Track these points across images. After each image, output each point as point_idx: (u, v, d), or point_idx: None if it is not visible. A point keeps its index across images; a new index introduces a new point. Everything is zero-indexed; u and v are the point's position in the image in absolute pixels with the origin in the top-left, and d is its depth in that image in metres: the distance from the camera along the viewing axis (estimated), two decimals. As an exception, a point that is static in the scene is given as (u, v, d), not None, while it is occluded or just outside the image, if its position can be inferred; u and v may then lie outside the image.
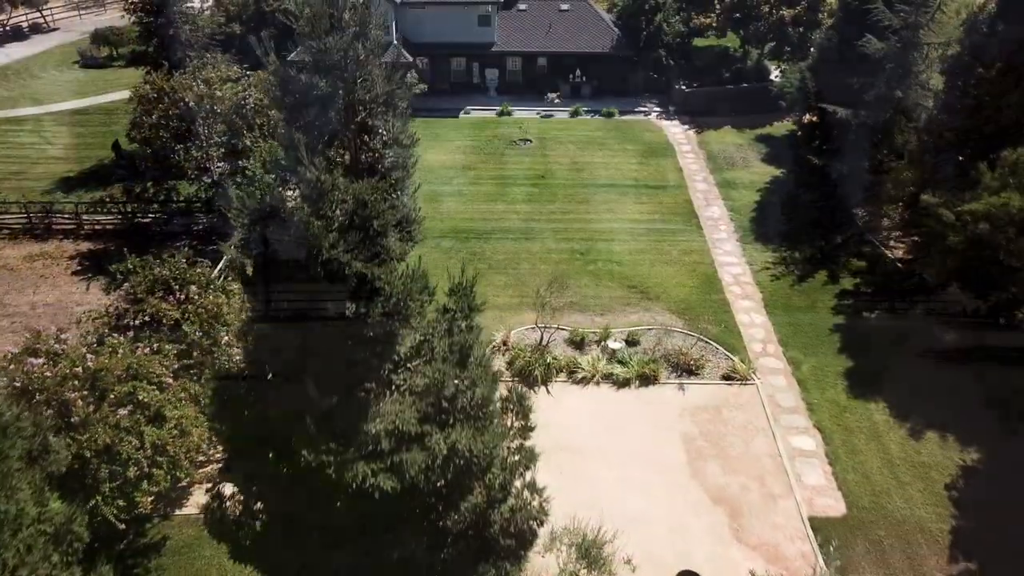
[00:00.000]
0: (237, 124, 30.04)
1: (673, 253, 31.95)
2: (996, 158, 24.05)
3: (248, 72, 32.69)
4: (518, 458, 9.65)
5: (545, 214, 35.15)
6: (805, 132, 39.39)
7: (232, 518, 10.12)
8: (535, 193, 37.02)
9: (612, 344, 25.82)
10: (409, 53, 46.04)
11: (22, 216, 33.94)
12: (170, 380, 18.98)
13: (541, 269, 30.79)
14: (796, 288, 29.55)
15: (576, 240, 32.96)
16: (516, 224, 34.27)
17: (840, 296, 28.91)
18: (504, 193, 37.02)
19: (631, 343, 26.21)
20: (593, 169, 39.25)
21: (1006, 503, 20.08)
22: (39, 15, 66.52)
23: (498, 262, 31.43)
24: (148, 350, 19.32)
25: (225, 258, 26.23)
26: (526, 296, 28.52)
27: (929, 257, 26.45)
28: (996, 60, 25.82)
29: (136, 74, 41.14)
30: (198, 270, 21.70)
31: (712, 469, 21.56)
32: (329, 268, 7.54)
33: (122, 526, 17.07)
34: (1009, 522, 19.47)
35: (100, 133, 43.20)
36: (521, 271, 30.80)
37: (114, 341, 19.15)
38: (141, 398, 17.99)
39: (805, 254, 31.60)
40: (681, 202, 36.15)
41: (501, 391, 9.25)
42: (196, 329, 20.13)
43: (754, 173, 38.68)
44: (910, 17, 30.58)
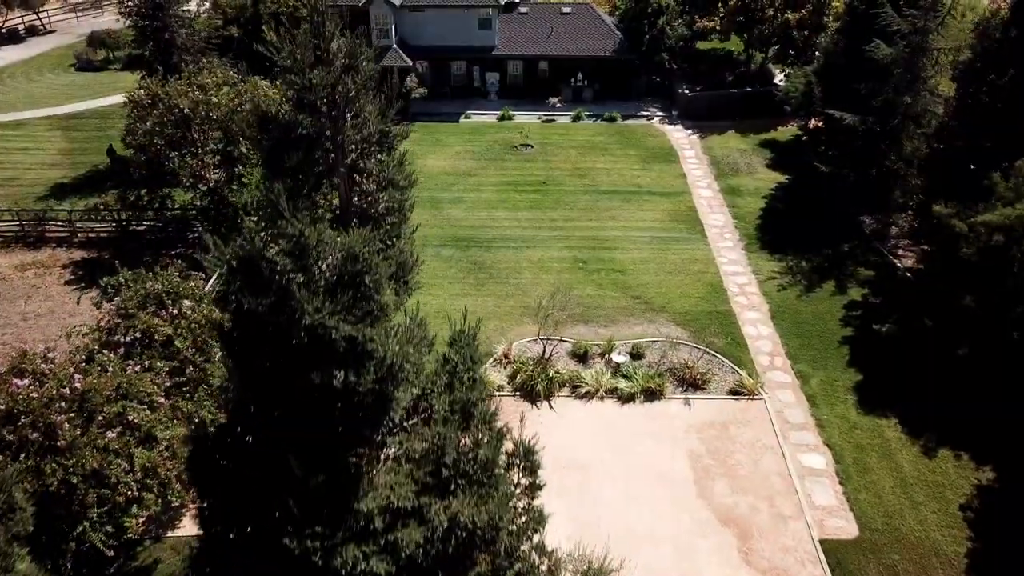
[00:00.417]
0: (233, 130, 29.43)
1: (677, 262, 31.35)
2: (1010, 167, 23.49)
3: (243, 79, 32.08)
4: (525, 519, 8.94)
5: (547, 221, 34.56)
6: (811, 138, 38.86)
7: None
8: (537, 200, 36.43)
9: (616, 357, 25.22)
10: (409, 57, 45.44)
11: (14, 224, 33.37)
12: (162, 399, 18.40)
13: (543, 279, 30.20)
14: (803, 298, 28.95)
15: (578, 248, 32.37)
16: (517, 232, 33.67)
17: (848, 307, 28.30)
18: (505, 200, 36.43)
19: (635, 356, 25.60)
20: (595, 175, 38.66)
21: (1023, 525, 19.51)
22: (36, 17, 65.87)
23: (499, 271, 30.84)
24: (139, 367, 18.75)
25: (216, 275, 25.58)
26: (528, 307, 27.93)
27: (940, 268, 25.89)
28: (1009, 66, 25.24)
29: (132, 78, 40.58)
30: (191, 284, 21.09)
31: (720, 488, 20.97)
32: (314, 334, 6.85)
33: (110, 553, 16.52)
34: (1027, 545, 18.91)
35: (95, 138, 42.60)
36: (523, 280, 30.21)
37: (104, 358, 18.59)
38: (131, 418, 17.43)
39: (812, 263, 31.01)
40: (685, 209, 35.55)
41: (507, 445, 8.60)
42: (189, 345, 19.52)
43: (759, 179, 38.08)
44: (919, 22, 29.96)
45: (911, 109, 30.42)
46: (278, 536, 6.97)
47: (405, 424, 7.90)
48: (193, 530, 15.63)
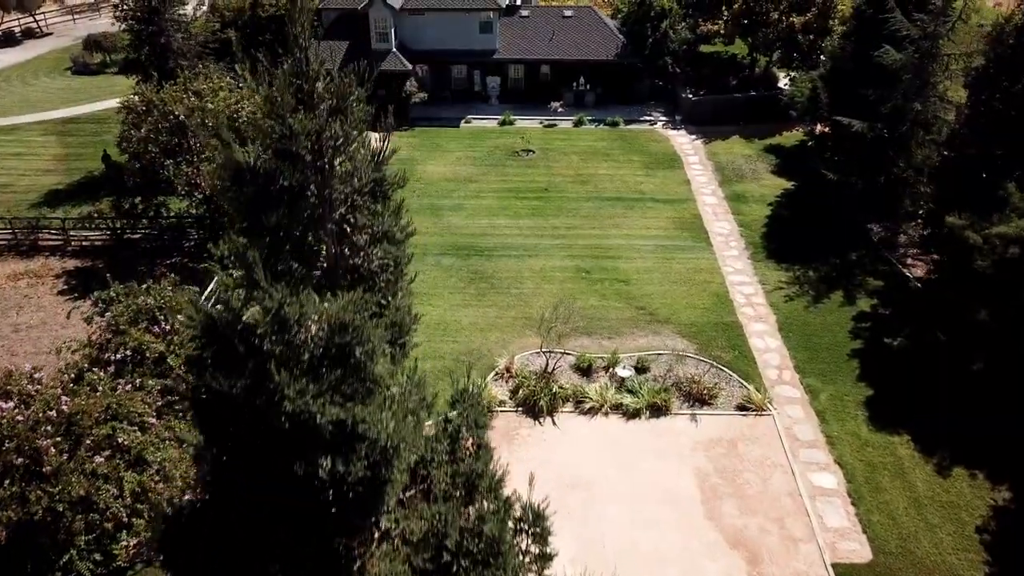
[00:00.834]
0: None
1: (682, 271, 30.75)
2: (1024, 177, 22.92)
3: (241, 85, 31.47)
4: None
5: (549, 229, 33.96)
6: (817, 143, 38.26)
7: None
8: (538, 207, 35.83)
9: (621, 372, 24.62)
10: (409, 60, 44.86)
11: (7, 232, 32.80)
12: (153, 419, 17.82)
13: (545, 288, 29.61)
14: (811, 309, 28.35)
15: (581, 257, 31.77)
16: (519, 240, 33.08)
17: (858, 318, 27.70)
18: (506, 207, 35.84)
19: (640, 370, 25.01)
20: (598, 181, 38.06)
21: (1042, 548, 18.93)
22: (32, 20, 65.31)
23: (501, 281, 30.25)
24: (130, 386, 18.18)
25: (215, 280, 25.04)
26: (530, 318, 27.35)
27: (952, 279, 25.32)
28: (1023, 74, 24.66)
29: (129, 82, 40.02)
30: (185, 298, 20.47)
31: (728, 509, 20.36)
32: (296, 420, 6.19)
33: (98, 581, 15.93)
34: (1047, 570, 18.32)
35: (91, 143, 42.02)
36: (525, 290, 29.62)
37: (94, 376, 18.02)
38: (121, 441, 16.84)
39: (819, 273, 30.40)
40: (689, 217, 34.95)
41: (515, 510, 7.95)
42: (182, 363, 18.93)
43: (764, 186, 37.48)
44: (928, 27, 29.38)
45: (920, 116, 29.82)
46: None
47: (402, 496, 7.25)
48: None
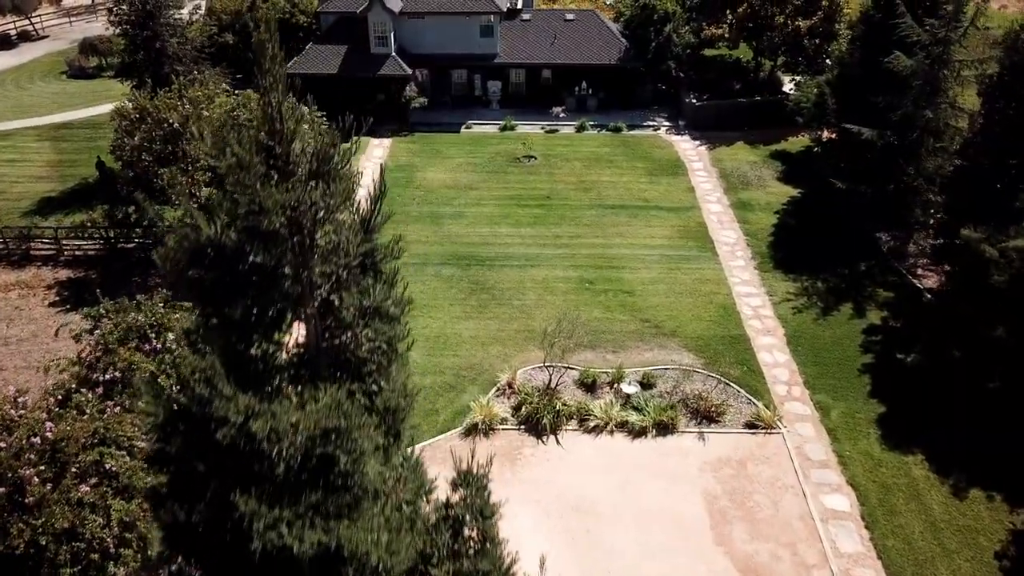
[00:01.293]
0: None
1: (688, 282, 30.08)
2: (1042, 189, 22.27)
3: (238, 92, 30.85)
4: None
5: (551, 238, 33.30)
6: (823, 150, 37.56)
7: None
8: (540, 215, 35.16)
9: (626, 388, 23.95)
10: (408, 65, 44.17)
11: (-2, 241, 32.15)
12: (142, 443, 17.15)
13: (548, 300, 28.95)
14: (820, 322, 27.68)
15: (585, 267, 31.10)
16: (521, 249, 32.41)
17: (868, 331, 27.04)
18: (508, 215, 35.17)
19: (646, 385, 24.34)
20: (601, 189, 37.38)
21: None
22: (28, 22, 64.63)
23: (502, 292, 29.59)
24: (119, 408, 17.51)
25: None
26: (533, 331, 26.72)
27: (965, 291, 24.68)
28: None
29: (124, 88, 39.35)
30: (176, 315, 19.82)
31: (738, 533, 19.71)
32: (268, 555, 5.48)
33: (84, 617, 15.26)
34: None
35: (85, 149, 41.32)
36: (527, 302, 28.95)
37: (81, 398, 17.36)
38: (108, 467, 16.17)
39: (828, 283, 29.73)
40: (694, 225, 34.27)
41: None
42: (174, 383, 18.25)
43: (770, 193, 36.81)
44: (940, 32, 28.72)
45: (932, 124, 29.15)
46: None
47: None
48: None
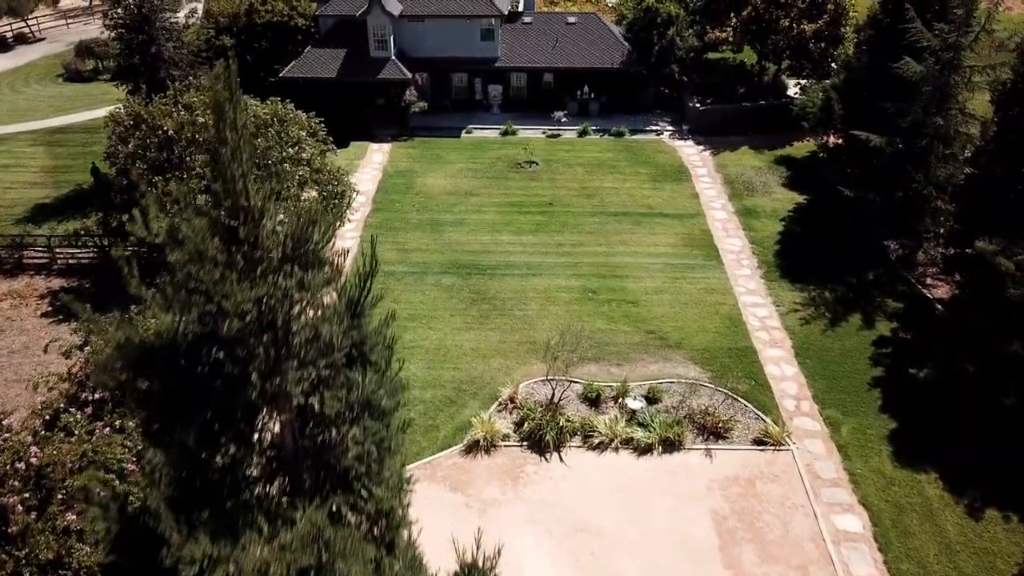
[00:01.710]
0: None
1: (693, 292, 29.50)
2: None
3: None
4: None
5: (553, 246, 32.72)
6: (831, 157, 36.93)
7: None
8: (542, 222, 34.58)
9: (632, 403, 23.36)
10: (408, 68, 43.59)
11: (-10, 250, 31.56)
12: (132, 465, 16.58)
13: (551, 310, 28.38)
14: (828, 333, 27.10)
15: (587, 276, 30.52)
16: (523, 258, 31.83)
17: (878, 343, 26.47)
18: (509, 222, 34.59)
19: (652, 400, 23.77)
20: (604, 195, 36.80)
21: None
22: (24, 25, 64.03)
23: (504, 302, 29.00)
24: (108, 428, 16.94)
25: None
26: (535, 342, 26.16)
27: (978, 303, 24.13)
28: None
29: (120, 93, 38.81)
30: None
31: (748, 556, 19.13)
32: None
33: (70, 649, 14.67)
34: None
35: (80, 154, 40.73)
36: (529, 312, 28.37)
37: (70, 419, 16.79)
38: (97, 492, 15.61)
39: (836, 293, 29.16)
40: (699, 233, 33.69)
41: None
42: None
43: (776, 200, 36.23)
44: (950, 37, 28.14)
45: (941, 130, 28.58)
46: None
47: None
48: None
